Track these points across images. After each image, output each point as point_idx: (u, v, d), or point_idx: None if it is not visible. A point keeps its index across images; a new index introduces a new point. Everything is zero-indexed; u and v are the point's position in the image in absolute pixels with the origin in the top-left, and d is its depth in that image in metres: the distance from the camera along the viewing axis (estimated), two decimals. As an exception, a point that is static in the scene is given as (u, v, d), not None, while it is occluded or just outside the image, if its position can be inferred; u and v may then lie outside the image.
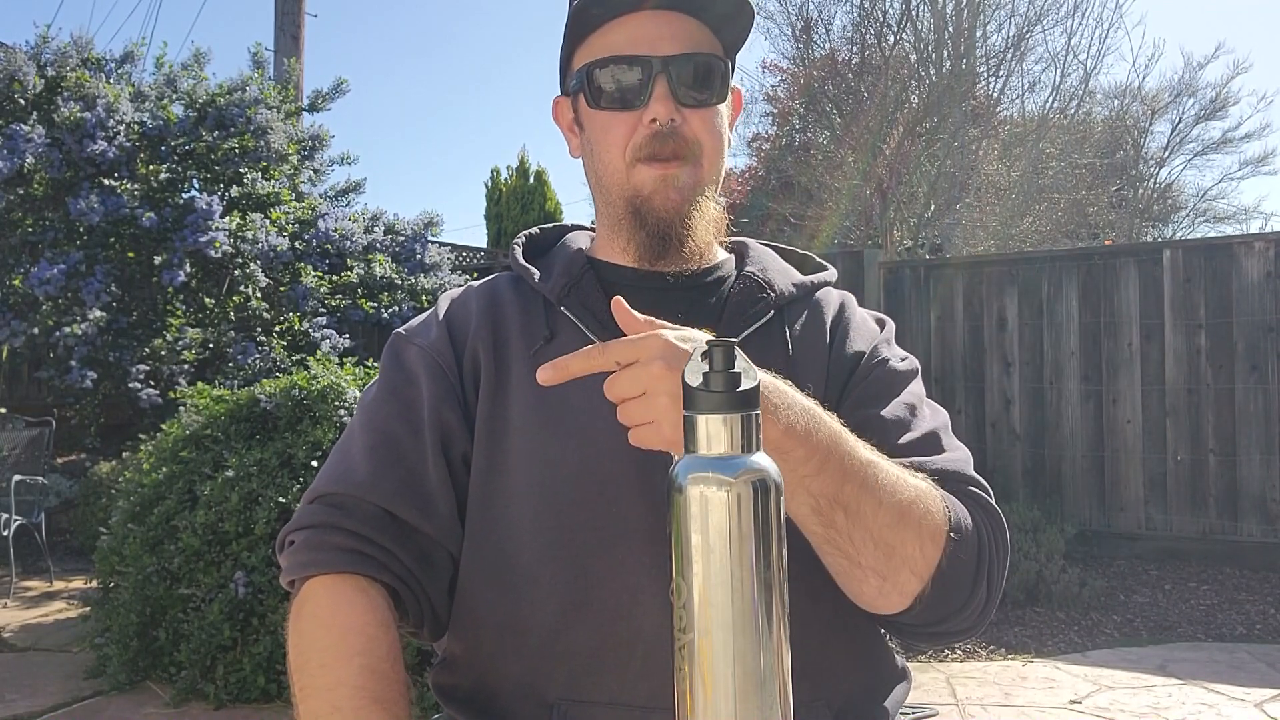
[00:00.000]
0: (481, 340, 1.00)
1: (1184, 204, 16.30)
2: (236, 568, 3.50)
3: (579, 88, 1.02)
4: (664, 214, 0.99)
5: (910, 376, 1.04)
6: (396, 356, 1.04)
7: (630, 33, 0.98)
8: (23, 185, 6.65)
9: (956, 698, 3.62)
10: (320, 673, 0.83)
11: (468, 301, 1.06)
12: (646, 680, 0.88)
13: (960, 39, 11.10)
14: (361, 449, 0.97)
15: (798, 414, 0.79)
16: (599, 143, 1.01)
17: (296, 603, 0.91)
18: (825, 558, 0.86)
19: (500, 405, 0.98)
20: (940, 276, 6.17)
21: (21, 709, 3.55)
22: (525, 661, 0.93)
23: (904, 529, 0.84)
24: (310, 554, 0.92)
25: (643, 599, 0.90)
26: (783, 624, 0.61)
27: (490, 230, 11.10)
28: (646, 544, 0.90)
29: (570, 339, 0.98)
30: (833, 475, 0.80)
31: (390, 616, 0.89)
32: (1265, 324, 5.28)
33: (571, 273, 1.03)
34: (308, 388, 3.87)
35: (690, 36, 0.98)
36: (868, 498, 0.82)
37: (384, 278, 7.03)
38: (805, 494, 0.80)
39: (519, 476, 0.95)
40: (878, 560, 0.84)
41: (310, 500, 0.97)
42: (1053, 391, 5.78)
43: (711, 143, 1.00)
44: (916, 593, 0.87)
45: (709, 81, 0.99)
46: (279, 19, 9.41)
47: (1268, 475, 5.23)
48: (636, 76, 0.97)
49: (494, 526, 0.95)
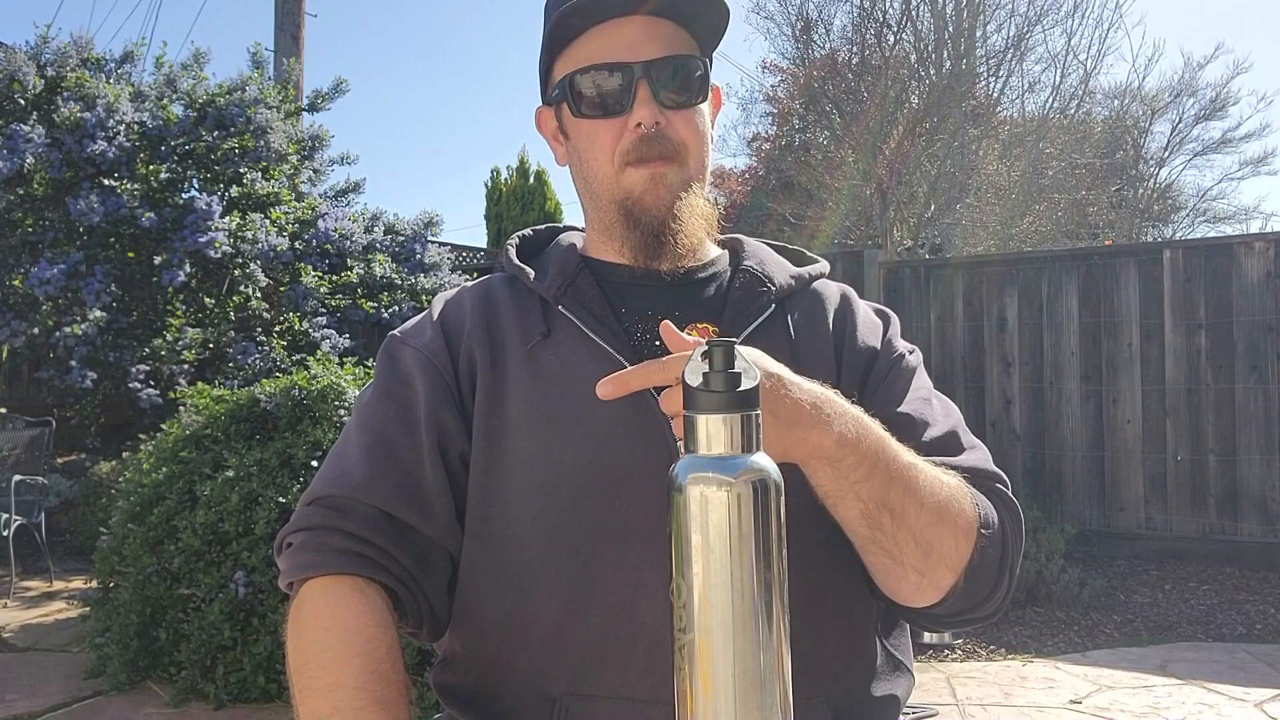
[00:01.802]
0: (477, 339, 1.01)
1: (1184, 204, 16.31)
2: (236, 568, 3.50)
3: (561, 97, 1.03)
4: (656, 212, 1.00)
5: (919, 369, 1.06)
6: (392, 359, 1.04)
7: (608, 40, 0.99)
8: (23, 185, 6.65)
9: (956, 698, 3.62)
10: (320, 674, 0.83)
11: (461, 302, 1.06)
12: (649, 675, 0.89)
13: (960, 39, 11.10)
14: (358, 451, 0.97)
15: (848, 422, 0.81)
16: (586, 150, 1.02)
17: (295, 604, 0.91)
18: (867, 556, 0.89)
19: (498, 403, 0.98)
20: (940, 276, 6.17)
21: (21, 709, 3.55)
22: (528, 657, 0.93)
23: (942, 527, 0.87)
24: (308, 556, 0.92)
25: (645, 594, 0.90)
26: (783, 624, 0.61)
27: (490, 230, 11.10)
28: (649, 539, 0.90)
29: (567, 336, 0.99)
30: (880, 480, 0.83)
31: (389, 616, 0.89)
32: (1265, 324, 5.28)
33: (567, 271, 1.03)
34: (308, 388, 3.87)
35: (667, 39, 0.99)
36: (911, 499, 0.85)
37: (384, 278, 7.03)
38: (855, 499, 0.83)
39: (520, 474, 0.95)
40: (918, 558, 0.87)
41: (307, 503, 0.97)
42: (1053, 391, 5.78)
43: (696, 142, 1.01)
44: (950, 586, 0.89)
45: (689, 82, 1.01)
46: (279, 19, 9.41)
47: (1268, 475, 5.23)
48: (618, 82, 0.98)
49: (495, 524, 0.95)
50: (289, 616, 0.90)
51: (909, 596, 0.91)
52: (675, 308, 1.01)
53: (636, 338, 1.00)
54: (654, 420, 0.93)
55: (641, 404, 0.93)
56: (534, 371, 0.98)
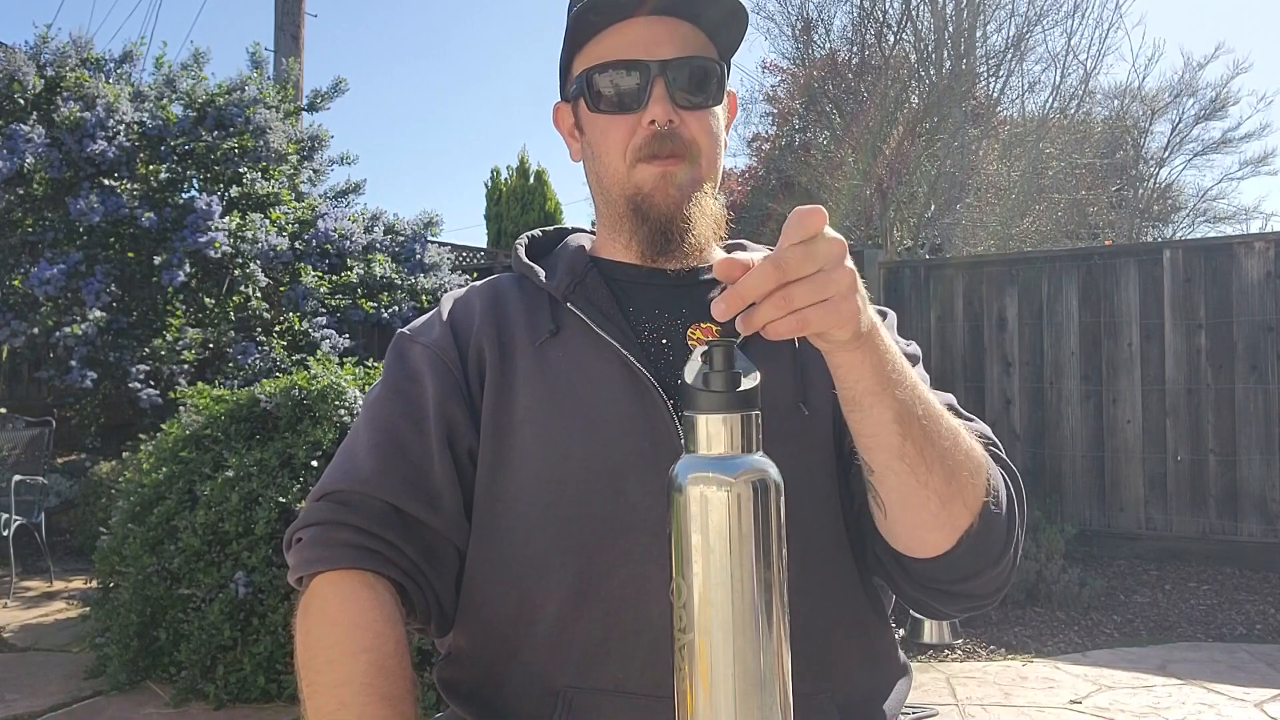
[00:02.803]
0: (486, 335, 1.01)
1: (1184, 204, 16.30)
2: (236, 568, 3.50)
3: (579, 92, 1.04)
4: (665, 209, 1.00)
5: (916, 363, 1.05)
6: (400, 355, 1.04)
7: (628, 38, 1.00)
8: (23, 185, 6.64)
9: (956, 698, 3.62)
10: (327, 669, 0.83)
11: (470, 300, 1.07)
12: (652, 669, 0.89)
13: (960, 39, 11.10)
14: (366, 446, 0.98)
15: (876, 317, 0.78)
16: (599, 145, 1.03)
17: (304, 599, 0.91)
18: (890, 478, 0.83)
19: (506, 399, 0.99)
20: (940, 276, 6.17)
21: (21, 709, 3.55)
22: (533, 651, 0.94)
23: (959, 455, 0.84)
24: (317, 550, 0.92)
25: (649, 589, 0.90)
26: (783, 624, 0.61)
27: (490, 230, 11.10)
28: (653, 534, 0.90)
29: (575, 333, 1.00)
30: (909, 386, 0.80)
31: (397, 612, 0.89)
32: (1265, 324, 5.28)
33: (576, 270, 1.04)
34: (308, 388, 3.87)
35: (686, 41, 1.00)
36: (934, 412, 0.82)
37: (384, 278, 7.02)
38: (892, 399, 0.79)
39: (526, 468, 0.96)
40: (941, 482, 0.83)
41: (317, 498, 0.97)
42: (1053, 391, 5.78)
43: (709, 144, 1.02)
44: (965, 528, 0.86)
45: (705, 84, 1.01)
46: (279, 19, 9.40)
47: (1268, 475, 5.23)
48: (635, 80, 0.99)
49: (501, 518, 0.96)
50: (298, 611, 0.91)
51: (924, 535, 0.86)
52: (681, 306, 1.02)
53: (644, 335, 1.01)
54: (660, 417, 0.94)
55: (648, 400, 0.95)
56: (542, 368, 0.99)
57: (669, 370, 0.98)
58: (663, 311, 1.02)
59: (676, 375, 0.97)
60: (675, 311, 1.02)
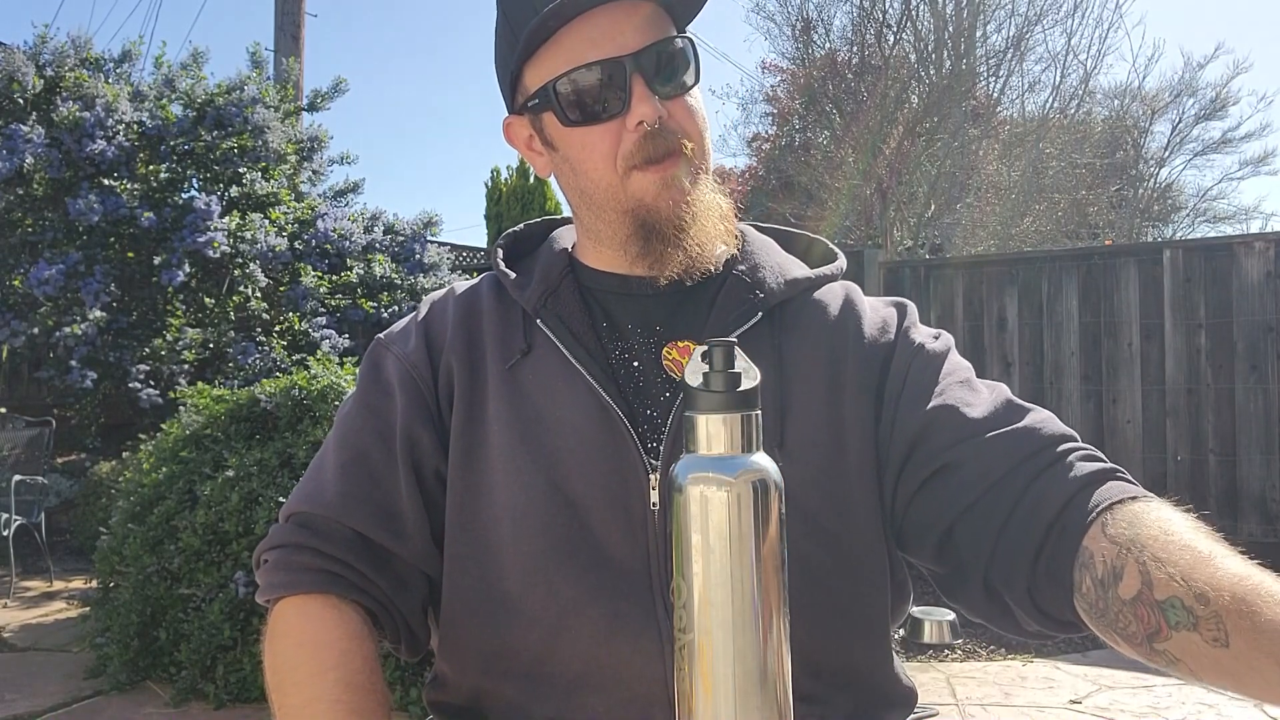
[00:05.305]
0: (456, 353, 0.97)
1: (1184, 204, 16.32)
2: (237, 567, 3.50)
3: (543, 106, 0.93)
4: (672, 216, 0.92)
5: (948, 353, 0.99)
6: (375, 365, 1.01)
7: (587, 33, 0.89)
8: (22, 185, 6.64)
9: (956, 698, 3.61)
10: (294, 690, 0.82)
11: (446, 309, 1.02)
12: (634, 704, 0.88)
13: (960, 39, 11.10)
14: (334, 466, 0.96)
15: None
16: (582, 160, 0.94)
17: (270, 623, 0.90)
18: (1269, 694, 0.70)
19: (476, 424, 0.94)
20: (940, 276, 6.17)
21: (21, 709, 3.55)
22: (513, 684, 0.92)
23: None
24: (281, 575, 0.91)
25: (622, 626, 0.87)
26: (783, 624, 0.60)
27: (490, 230, 11.11)
28: (620, 571, 0.88)
29: (545, 354, 0.94)
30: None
31: (364, 629, 0.88)
32: (1265, 324, 5.28)
33: (550, 279, 0.98)
34: (308, 388, 3.87)
35: (649, 22, 0.91)
36: None
37: (384, 278, 7.03)
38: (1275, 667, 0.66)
39: (497, 498, 0.92)
40: None
41: (285, 517, 0.96)
42: (1053, 391, 5.78)
43: (696, 127, 0.94)
44: None
45: (681, 66, 0.92)
46: (279, 19, 9.40)
47: (1268, 475, 5.22)
48: (610, 81, 0.89)
49: (475, 552, 0.93)
50: (265, 635, 0.89)
51: None
52: (661, 319, 0.97)
53: (614, 356, 0.95)
54: (629, 452, 0.90)
55: (616, 433, 0.90)
56: (513, 391, 0.94)
57: (638, 397, 0.93)
58: (638, 328, 0.96)
59: (647, 402, 0.93)
60: (651, 325, 0.96)
